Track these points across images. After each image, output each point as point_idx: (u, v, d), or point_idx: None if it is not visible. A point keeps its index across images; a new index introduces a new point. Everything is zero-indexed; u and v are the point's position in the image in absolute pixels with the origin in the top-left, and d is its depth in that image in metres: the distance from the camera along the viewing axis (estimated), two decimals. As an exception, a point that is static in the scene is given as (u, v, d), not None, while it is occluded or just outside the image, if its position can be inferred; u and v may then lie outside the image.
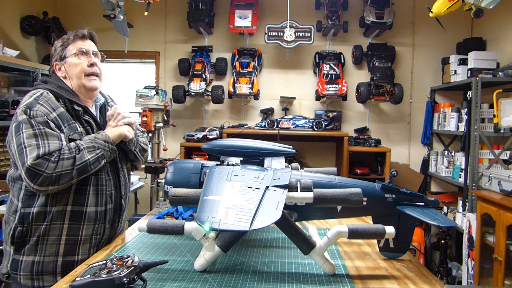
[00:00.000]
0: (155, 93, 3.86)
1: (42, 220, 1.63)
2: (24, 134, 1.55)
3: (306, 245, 1.39)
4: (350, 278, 1.39)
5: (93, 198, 1.70)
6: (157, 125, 3.87)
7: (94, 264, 1.25)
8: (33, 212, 1.62)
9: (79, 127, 1.70)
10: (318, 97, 4.49)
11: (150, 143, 3.83)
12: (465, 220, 3.36)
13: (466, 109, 3.78)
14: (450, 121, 4.13)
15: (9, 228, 1.65)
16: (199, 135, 4.15)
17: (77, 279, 1.18)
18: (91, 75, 1.79)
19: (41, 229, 1.63)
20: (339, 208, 1.53)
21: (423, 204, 1.50)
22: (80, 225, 1.68)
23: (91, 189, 1.69)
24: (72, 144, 1.61)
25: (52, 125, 1.60)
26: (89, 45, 1.82)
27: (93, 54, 1.82)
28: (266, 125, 4.27)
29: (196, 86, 4.28)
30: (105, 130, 1.77)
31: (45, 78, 1.81)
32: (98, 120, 1.83)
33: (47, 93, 1.67)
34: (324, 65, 4.44)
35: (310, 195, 1.33)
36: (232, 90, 4.33)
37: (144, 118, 3.71)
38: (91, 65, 1.79)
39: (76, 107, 1.72)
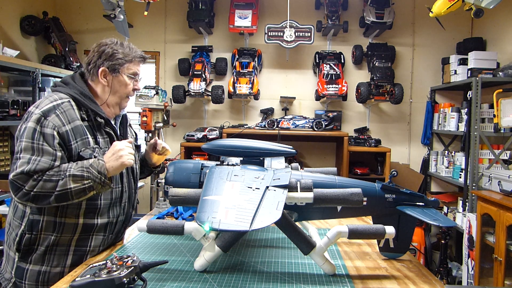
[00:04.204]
0: (155, 93, 3.85)
1: (52, 230, 1.58)
2: (23, 144, 1.49)
3: (306, 245, 1.39)
4: (350, 278, 1.39)
5: (105, 211, 1.66)
6: (157, 125, 3.87)
7: (94, 264, 1.25)
8: (43, 220, 1.57)
9: (98, 138, 1.64)
10: (318, 97, 4.49)
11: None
12: (465, 220, 3.35)
13: (466, 109, 3.78)
14: (450, 121, 4.13)
15: (15, 234, 1.59)
16: (199, 135, 4.15)
17: (77, 279, 1.18)
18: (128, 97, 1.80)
19: (51, 239, 1.57)
20: (339, 208, 1.53)
21: (423, 204, 1.50)
22: (89, 236, 1.64)
23: (103, 203, 1.64)
24: (64, 166, 1.51)
25: (56, 140, 1.52)
26: (140, 70, 1.81)
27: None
28: (266, 125, 4.26)
29: (196, 86, 4.28)
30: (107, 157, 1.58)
31: (67, 79, 1.71)
32: (118, 131, 1.78)
33: (68, 101, 1.60)
34: (324, 65, 4.43)
35: (310, 195, 1.33)
36: (232, 90, 4.33)
37: (144, 118, 3.71)
38: (134, 89, 1.79)
39: (99, 119, 1.66)
